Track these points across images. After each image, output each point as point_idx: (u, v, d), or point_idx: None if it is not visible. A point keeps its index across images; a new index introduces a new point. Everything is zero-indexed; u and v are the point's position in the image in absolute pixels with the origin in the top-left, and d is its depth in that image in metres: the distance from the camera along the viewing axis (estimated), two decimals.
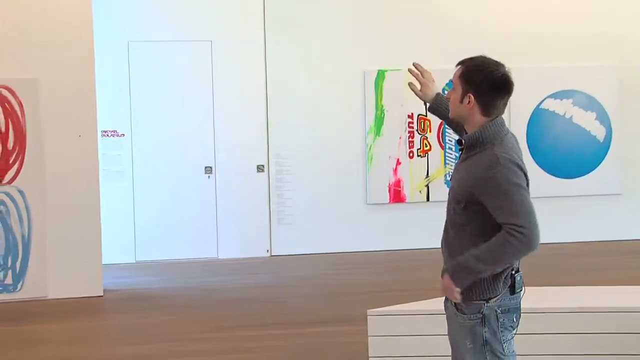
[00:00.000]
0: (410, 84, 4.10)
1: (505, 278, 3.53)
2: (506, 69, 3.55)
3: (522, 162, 3.53)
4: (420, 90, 4.05)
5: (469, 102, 3.54)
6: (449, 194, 3.66)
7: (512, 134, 3.64)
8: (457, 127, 3.85)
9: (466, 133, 3.64)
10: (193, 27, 10.76)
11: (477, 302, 3.52)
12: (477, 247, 3.45)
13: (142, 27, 10.66)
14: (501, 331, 3.55)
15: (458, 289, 3.49)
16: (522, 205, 3.41)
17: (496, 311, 3.53)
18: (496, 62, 3.56)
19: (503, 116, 3.67)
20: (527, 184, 3.50)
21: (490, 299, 3.51)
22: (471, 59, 3.58)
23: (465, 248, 3.50)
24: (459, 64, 3.59)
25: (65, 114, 8.69)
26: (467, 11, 11.05)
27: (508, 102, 3.66)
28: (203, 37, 10.74)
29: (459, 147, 3.70)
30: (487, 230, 3.46)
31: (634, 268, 9.60)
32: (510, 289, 3.54)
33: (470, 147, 3.57)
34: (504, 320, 3.54)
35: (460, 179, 3.58)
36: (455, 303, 3.57)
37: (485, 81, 3.50)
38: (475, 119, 3.56)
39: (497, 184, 3.41)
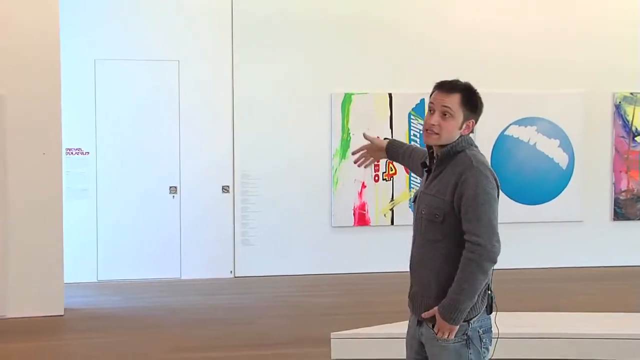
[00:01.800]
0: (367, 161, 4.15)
1: (481, 298, 3.56)
2: None
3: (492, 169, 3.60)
4: (375, 157, 4.13)
5: (468, 126, 3.61)
6: (420, 212, 3.66)
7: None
8: (414, 167, 3.93)
9: (432, 151, 3.67)
10: (161, 47, 10.74)
11: (461, 324, 3.54)
12: (453, 285, 3.47)
13: (109, 45, 10.61)
14: (483, 352, 3.57)
15: (457, 328, 3.52)
16: (484, 214, 3.46)
17: (478, 331, 3.56)
18: None
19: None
20: (498, 190, 3.55)
21: (471, 319, 3.53)
22: (463, 84, 3.64)
23: (440, 264, 3.52)
24: (447, 89, 3.61)
25: (31, 131, 8.62)
26: (434, 36, 11.15)
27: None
28: (170, 57, 10.73)
29: (425, 170, 3.74)
30: (462, 243, 3.49)
31: (589, 294, 9.69)
32: (487, 308, 3.58)
33: (441, 160, 3.60)
34: (485, 340, 3.58)
35: (436, 193, 3.59)
36: (433, 326, 3.57)
37: (481, 105, 3.61)
38: (454, 136, 3.63)
39: (469, 186, 3.47)
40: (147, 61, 10.71)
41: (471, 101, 3.61)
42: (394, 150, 4.05)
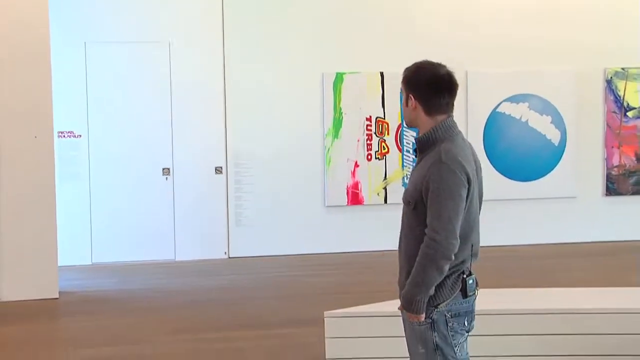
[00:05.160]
0: None
1: (452, 283, 3.57)
2: (447, 69, 3.64)
3: (468, 163, 3.57)
4: None
5: (412, 103, 3.63)
6: (403, 197, 3.72)
7: (463, 137, 3.69)
8: None
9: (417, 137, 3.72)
10: (151, 28, 10.71)
11: (429, 307, 3.57)
12: (410, 277, 3.53)
13: (100, 27, 10.57)
14: (452, 335, 3.60)
15: (422, 314, 3.55)
16: (445, 210, 3.46)
17: (445, 315, 3.58)
18: (436, 63, 3.68)
19: (459, 118, 3.74)
20: (469, 186, 3.54)
21: (438, 304, 3.57)
22: (413, 64, 3.68)
23: (414, 251, 3.55)
24: (403, 71, 3.71)
25: (21, 115, 8.60)
26: (425, 15, 11.13)
27: (466, 106, 3.74)
28: (161, 38, 10.70)
29: (415, 155, 3.77)
30: None
31: (585, 270, 9.74)
32: (462, 292, 3.59)
33: (422, 148, 3.64)
34: (453, 324, 3.59)
35: (413, 180, 3.65)
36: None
37: (424, 81, 3.61)
38: (422, 120, 3.66)
39: (434, 180, 3.49)
40: (138, 43, 10.68)
41: (410, 76, 3.66)
42: None
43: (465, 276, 3.59)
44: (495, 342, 5.24)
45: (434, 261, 3.46)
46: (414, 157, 3.81)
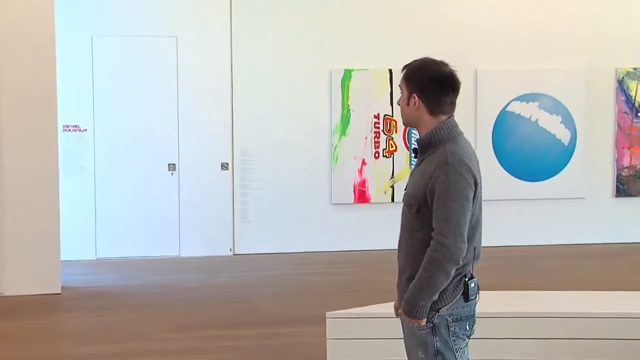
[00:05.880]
0: None
1: (454, 287, 3.47)
2: (450, 67, 3.53)
3: (473, 164, 3.48)
4: None
5: (415, 102, 3.52)
6: (403, 199, 3.61)
7: (465, 138, 3.58)
8: None
9: (419, 137, 3.60)
10: (158, 22, 10.63)
11: (430, 312, 3.47)
12: (414, 281, 3.43)
13: (107, 21, 10.51)
14: (453, 340, 3.50)
15: (423, 319, 3.46)
16: (453, 213, 3.36)
17: (447, 320, 3.48)
18: (439, 61, 3.55)
19: (468, 117, 3.64)
20: (475, 188, 3.45)
21: (439, 309, 3.47)
22: (414, 60, 3.57)
23: (417, 254, 3.46)
24: (403, 68, 3.57)
25: (25, 108, 8.53)
26: (435, 12, 11.03)
27: (475, 105, 3.63)
28: (168, 33, 10.63)
29: (414, 155, 3.66)
30: None
31: (594, 271, 9.64)
32: (463, 296, 3.50)
33: (423, 149, 3.54)
34: (455, 328, 3.50)
35: (414, 182, 3.54)
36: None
37: (428, 79, 3.49)
38: (425, 120, 3.54)
39: (441, 183, 3.38)
40: (144, 37, 10.61)
41: (411, 74, 3.52)
42: None
43: (467, 279, 3.49)
44: (499, 346, 5.14)
45: (442, 265, 3.36)
46: (413, 157, 3.69)
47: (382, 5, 10.99)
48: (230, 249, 10.86)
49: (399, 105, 3.63)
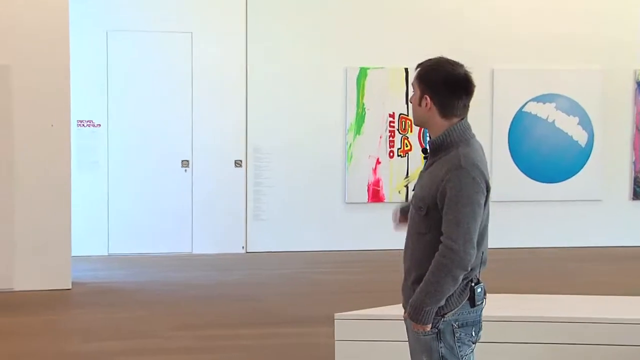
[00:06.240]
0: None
1: (460, 292, 3.40)
2: (465, 69, 3.43)
3: (485, 169, 3.40)
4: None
5: (427, 104, 3.43)
6: (411, 202, 3.54)
7: (477, 141, 3.50)
8: None
9: (430, 139, 3.52)
10: (173, 18, 10.60)
11: (435, 317, 3.40)
12: (421, 285, 3.35)
13: (122, 16, 10.48)
14: (458, 346, 3.42)
15: (428, 325, 3.39)
16: (463, 218, 3.28)
17: (453, 325, 3.40)
18: (454, 62, 3.45)
19: (484, 117, 3.55)
20: (487, 192, 3.37)
21: (445, 314, 3.39)
22: (428, 60, 3.47)
23: (423, 257, 3.38)
24: (417, 66, 3.49)
25: (38, 103, 8.51)
26: (451, 11, 10.94)
27: (491, 105, 3.54)
28: (183, 29, 10.58)
29: (424, 156, 3.58)
30: None
31: (609, 274, 9.53)
32: (469, 301, 3.42)
33: (435, 151, 3.46)
34: (460, 334, 3.42)
35: (424, 185, 3.45)
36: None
37: (441, 81, 3.39)
38: (436, 121, 3.45)
39: (453, 187, 3.30)
40: (159, 33, 10.58)
41: (425, 74, 3.42)
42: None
43: (473, 284, 3.41)
44: (507, 350, 5.06)
45: (450, 271, 3.28)
46: (423, 156, 3.60)
47: (399, 4, 10.91)
48: (243, 247, 10.81)
49: (411, 102, 3.56)
